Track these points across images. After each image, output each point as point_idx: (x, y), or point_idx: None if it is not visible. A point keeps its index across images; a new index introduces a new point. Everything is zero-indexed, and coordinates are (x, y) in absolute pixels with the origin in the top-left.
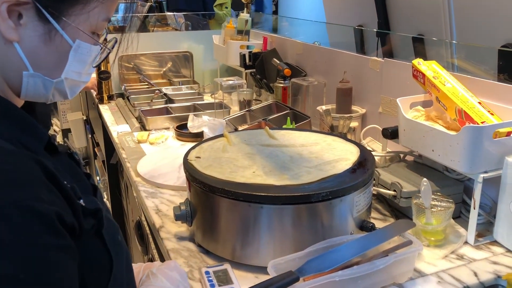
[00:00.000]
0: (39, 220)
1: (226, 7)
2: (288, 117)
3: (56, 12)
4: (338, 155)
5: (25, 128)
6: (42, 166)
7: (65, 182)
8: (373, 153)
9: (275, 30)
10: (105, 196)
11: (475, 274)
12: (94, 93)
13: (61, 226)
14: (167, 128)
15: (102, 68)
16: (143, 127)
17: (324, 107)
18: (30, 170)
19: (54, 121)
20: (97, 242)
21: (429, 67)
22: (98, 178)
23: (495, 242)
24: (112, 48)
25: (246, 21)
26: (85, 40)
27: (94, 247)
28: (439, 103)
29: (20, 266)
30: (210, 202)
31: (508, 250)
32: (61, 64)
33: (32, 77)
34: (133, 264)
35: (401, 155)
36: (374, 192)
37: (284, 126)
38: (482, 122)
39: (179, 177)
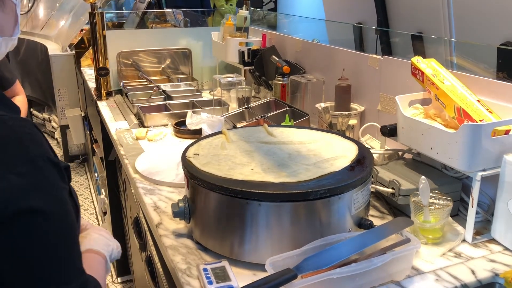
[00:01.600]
0: (56, 169)
1: (231, 5)
2: (287, 115)
3: None
4: (337, 152)
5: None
6: (38, 129)
7: None
8: (372, 151)
9: (274, 27)
10: (103, 192)
11: (473, 272)
12: (93, 90)
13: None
14: (166, 125)
15: (101, 65)
16: (142, 124)
17: (322, 105)
18: (38, 131)
19: (52, 117)
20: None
21: (428, 65)
22: (96, 174)
23: (492, 240)
24: None
25: (245, 18)
26: None
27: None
28: (437, 101)
29: (49, 203)
30: (208, 199)
31: (506, 248)
32: (15, 22)
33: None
34: None
35: (400, 153)
36: (372, 190)
37: (282, 124)
38: (480, 120)
39: (178, 174)
